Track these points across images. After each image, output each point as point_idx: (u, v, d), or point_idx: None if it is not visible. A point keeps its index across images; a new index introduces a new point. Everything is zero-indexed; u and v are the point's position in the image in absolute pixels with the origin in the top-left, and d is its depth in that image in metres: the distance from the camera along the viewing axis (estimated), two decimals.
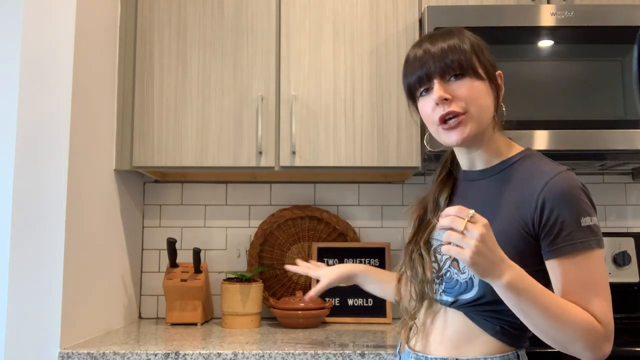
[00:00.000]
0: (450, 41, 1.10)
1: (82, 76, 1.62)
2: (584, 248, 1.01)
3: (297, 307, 1.86)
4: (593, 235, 1.02)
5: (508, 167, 1.13)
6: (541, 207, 1.03)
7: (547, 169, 1.06)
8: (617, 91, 1.70)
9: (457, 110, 1.07)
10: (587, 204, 1.04)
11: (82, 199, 1.62)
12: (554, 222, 1.02)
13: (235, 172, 1.95)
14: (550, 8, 1.74)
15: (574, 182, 1.04)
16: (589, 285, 1.00)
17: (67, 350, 1.47)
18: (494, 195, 1.11)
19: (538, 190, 1.04)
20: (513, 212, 1.06)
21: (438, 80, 1.08)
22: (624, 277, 1.93)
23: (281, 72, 1.84)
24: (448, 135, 1.10)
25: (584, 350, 0.98)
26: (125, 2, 1.87)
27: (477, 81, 1.08)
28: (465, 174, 1.20)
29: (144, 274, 2.11)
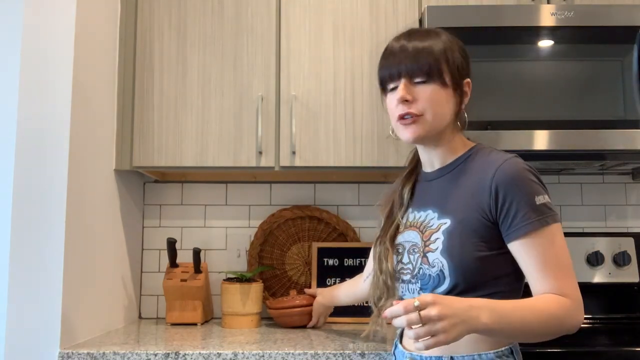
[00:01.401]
0: (426, 43, 1.16)
1: (82, 76, 1.62)
2: (540, 225, 1.06)
3: (291, 304, 1.83)
4: (548, 211, 1.07)
5: (461, 163, 1.19)
6: (495, 194, 1.08)
7: (495, 158, 1.13)
8: (617, 91, 1.70)
9: (414, 112, 1.15)
10: (536, 183, 1.09)
11: (82, 199, 1.62)
12: (509, 205, 1.07)
13: (235, 172, 1.95)
14: (550, 8, 1.74)
15: (521, 166, 1.10)
16: (552, 260, 1.05)
17: (67, 350, 1.47)
18: (449, 190, 1.17)
19: (489, 177, 1.09)
20: (470, 202, 1.11)
21: (405, 80, 1.16)
22: (624, 277, 1.93)
23: (281, 72, 1.84)
24: (402, 131, 1.19)
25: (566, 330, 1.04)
26: (125, 2, 1.87)
27: (441, 88, 1.15)
28: (425, 175, 1.27)
29: (144, 274, 2.11)
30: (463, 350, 1.09)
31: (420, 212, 1.21)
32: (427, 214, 1.19)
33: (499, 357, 1.08)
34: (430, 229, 1.15)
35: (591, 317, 1.90)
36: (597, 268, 1.93)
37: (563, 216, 2.11)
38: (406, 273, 1.19)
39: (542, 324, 1.01)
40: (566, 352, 1.45)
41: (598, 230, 2.09)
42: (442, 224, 1.14)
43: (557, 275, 1.05)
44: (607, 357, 1.45)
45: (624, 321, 1.89)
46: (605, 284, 1.92)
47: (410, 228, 1.21)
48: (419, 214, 1.22)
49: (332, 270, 2.03)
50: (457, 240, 1.10)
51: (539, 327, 1.01)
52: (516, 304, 1.02)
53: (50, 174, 1.53)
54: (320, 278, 2.03)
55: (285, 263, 2.09)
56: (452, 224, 1.12)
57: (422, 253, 1.15)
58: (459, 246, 1.10)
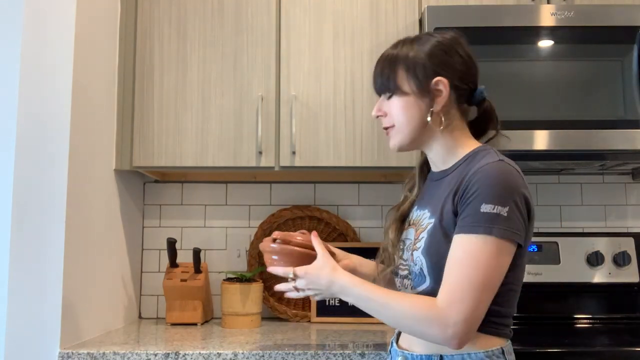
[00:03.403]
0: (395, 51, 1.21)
1: (82, 76, 1.62)
2: (471, 231, 1.05)
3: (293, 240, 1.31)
4: (488, 222, 1.03)
5: (460, 165, 1.18)
6: (464, 188, 1.09)
7: (485, 160, 1.10)
8: (617, 91, 1.70)
9: (386, 125, 1.24)
10: (499, 194, 1.05)
11: (82, 199, 1.62)
12: (466, 200, 1.07)
13: (235, 172, 1.95)
14: (550, 8, 1.74)
15: (499, 171, 1.07)
16: (458, 264, 1.04)
17: (67, 350, 1.47)
18: (442, 191, 1.17)
19: (468, 176, 1.10)
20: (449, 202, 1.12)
21: (380, 97, 1.26)
22: (624, 277, 1.93)
23: (281, 72, 1.84)
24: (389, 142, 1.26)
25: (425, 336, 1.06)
26: (125, 2, 1.87)
27: (402, 97, 1.19)
28: (430, 174, 1.28)
29: (144, 274, 2.11)
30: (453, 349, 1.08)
31: (419, 211, 1.23)
32: (424, 213, 1.20)
33: (488, 357, 1.08)
34: (421, 228, 1.17)
35: (591, 317, 1.90)
36: (597, 268, 1.93)
37: (563, 216, 2.11)
38: (404, 269, 1.21)
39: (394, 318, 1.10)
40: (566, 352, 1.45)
41: (598, 230, 2.08)
42: (429, 223, 1.15)
43: (452, 279, 1.04)
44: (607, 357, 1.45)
45: (624, 321, 1.89)
46: (605, 284, 1.92)
47: (412, 225, 1.23)
48: (418, 212, 1.24)
49: None
50: (436, 239, 1.11)
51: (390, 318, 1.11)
52: (374, 293, 1.11)
53: (50, 173, 1.53)
54: None
55: None
56: (434, 223, 1.13)
57: (410, 250, 1.18)
58: (437, 245, 1.11)
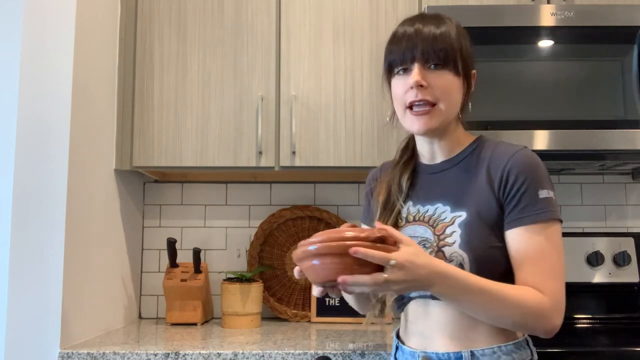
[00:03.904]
0: (442, 28, 1.12)
1: (82, 76, 1.62)
2: (542, 219, 1.04)
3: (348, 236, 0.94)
4: (551, 207, 1.05)
5: (469, 154, 1.16)
6: (506, 177, 1.06)
7: (509, 147, 1.12)
8: (617, 91, 1.70)
9: (429, 99, 1.10)
10: (546, 178, 1.08)
11: (82, 199, 1.62)
12: (517, 189, 1.05)
13: (235, 172, 1.95)
14: (550, 8, 1.74)
15: (535, 157, 1.10)
16: (545, 256, 1.03)
17: (67, 350, 1.47)
18: (461, 182, 1.13)
19: (504, 163, 1.08)
20: (484, 192, 1.09)
21: (419, 64, 1.10)
22: (624, 277, 1.93)
23: (281, 72, 1.84)
24: (414, 122, 1.12)
25: (535, 328, 1.01)
26: (125, 2, 1.87)
27: (454, 76, 1.11)
28: (427, 167, 1.21)
29: (144, 274, 2.11)
30: (483, 344, 1.06)
31: (427, 206, 1.16)
32: (436, 208, 1.14)
33: (517, 349, 1.07)
34: (443, 223, 1.10)
35: (591, 317, 1.90)
36: (597, 268, 1.93)
37: (563, 216, 2.11)
38: None
39: (507, 313, 1.00)
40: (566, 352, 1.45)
41: (598, 230, 2.09)
42: (456, 216, 1.09)
43: (545, 272, 1.02)
44: (607, 357, 1.45)
45: (624, 321, 1.89)
46: (605, 284, 1.92)
47: (416, 223, 1.15)
48: (424, 207, 1.16)
49: None
50: (476, 233, 1.06)
51: (501, 314, 1.00)
52: (485, 282, 0.99)
53: (50, 174, 1.53)
54: None
55: (285, 263, 2.09)
56: (469, 216, 1.08)
57: (436, 248, 1.09)
58: (478, 238, 1.06)
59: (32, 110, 1.55)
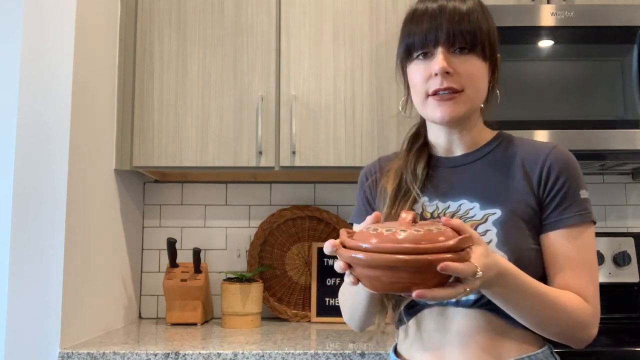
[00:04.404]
0: (467, 5, 1.00)
1: (82, 76, 1.62)
2: (583, 220, 0.99)
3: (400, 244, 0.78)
4: (590, 208, 1.01)
5: (494, 148, 1.07)
6: (546, 175, 1.00)
7: (543, 144, 1.05)
8: (617, 91, 1.70)
9: (455, 87, 0.99)
10: (582, 177, 1.03)
11: (82, 199, 1.62)
12: (559, 188, 0.99)
13: (235, 172, 1.95)
14: (550, 8, 1.74)
15: (572, 155, 1.03)
16: (586, 261, 0.98)
17: (67, 350, 1.47)
18: (490, 177, 1.04)
19: (541, 160, 1.01)
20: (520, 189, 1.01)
21: (444, 48, 0.98)
22: (624, 277, 1.93)
23: (281, 72, 1.84)
24: (436, 109, 1.00)
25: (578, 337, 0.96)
26: (125, 2, 1.87)
27: (481, 61, 1.01)
28: (444, 160, 1.09)
29: (144, 274, 2.11)
30: (512, 354, 0.97)
31: (448, 202, 1.04)
32: (460, 204, 1.03)
33: (545, 358, 1.00)
34: (473, 220, 1.00)
35: None
36: None
37: None
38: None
39: (555, 319, 0.93)
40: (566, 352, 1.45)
41: (598, 230, 2.08)
42: (489, 214, 1.00)
43: (587, 278, 0.96)
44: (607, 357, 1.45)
45: (624, 321, 1.89)
46: (605, 284, 1.92)
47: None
48: (445, 203, 1.04)
49: (332, 270, 2.03)
50: (515, 232, 0.98)
51: (550, 320, 0.93)
52: (535, 285, 0.91)
53: (50, 174, 1.53)
54: (320, 278, 2.03)
55: (285, 263, 2.09)
56: (504, 214, 0.99)
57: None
58: (517, 238, 0.98)
59: (32, 110, 1.55)
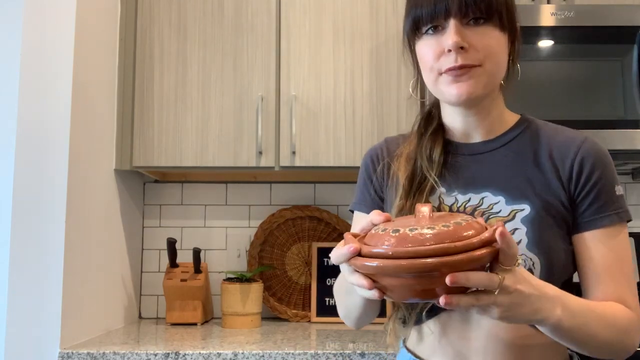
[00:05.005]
0: None
1: (82, 76, 1.62)
2: (621, 220, 0.90)
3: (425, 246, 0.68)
4: (626, 205, 0.92)
5: (519, 134, 0.97)
6: (579, 169, 0.91)
7: (573, 133, 0.96)
8: (617, 91, 1.70)
9: (470, 62, 0.87)
10: (616, 173, 0.94)
11: (82, 199, 1.62)
12: (593, 183, 0.90)
13: (235, 172, 1.95)
14: (550, 8, 1.74)
15: (604, 147, 0.94)
16: (623, 263, 0.89)
17: (67, 350, 1.47)
18: (516, 168, 0.93)
19: (573, 152, 0.92)
20: (551, 183, 0.91)
21: (456, 20, 0.87)
22: None
23: (281, 72, 1.84)
24: (450, 87, 0.89)
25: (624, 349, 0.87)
26: (125, 2, 1.87)
27: (499, 32, 0.89)
28: (462, 146, 0.98)
29: (144, 274, 2.11)
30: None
31: (469, 194, 0.93)
32: (483, 197, 0.92)
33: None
34: (499, 217, 0.90)
35: None
36: None
37: None
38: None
39: (606, 336, 0.83)
40: None
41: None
42: (516, 210, 0.90)
43: (628, 284, 0.88)
44: None
45: None
46: None
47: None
48: (465, 196, 0.93)
49: (332, 270, 2.03)
50: (546, 231, 0.88)
51: (603, 338, 0.83)
52: (588, 305, 0.83)
53: (50, 174, 1.53)
54: (320, 278, 2.03)
55: (285, 263, 2.09)
56: (535, 211, 0.89)
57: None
58: (549, 238, 0.88)
59: (32, 110, 1.55)
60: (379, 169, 1.02)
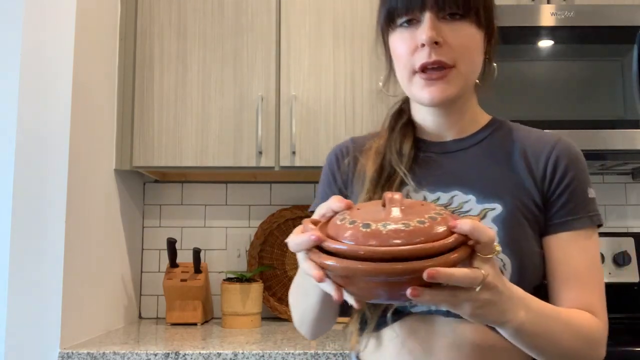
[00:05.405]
0: None
1: (82, 76, 1.62)
2: (592, 223, 0.88)
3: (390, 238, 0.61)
4: (596, 209, 0.90)
5: (490, 134, 0.94)
6: (553, 168, 0.88)
7: (547, 133, 0.94)
8: (617, 91, 1.70)
9: (445, 61, 0.84)
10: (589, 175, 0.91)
11: (82, 199, 1.62)
12: (565, 186, 0.87)
13: (235, 172, 1.95)
14: (550, 8, 1.74)
15: (579, 149, 0.92)
16: (594, 268, 0.87)
17: (67, 350, 1.47)
18: (486, 167, 0.91)
19: (547, 150, 0.90)
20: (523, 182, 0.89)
21: (432, 13, 0.84)
22: (624, 277, 1.93)
23: (281, 72, 1.84)
24: (424, 90, 0.87)
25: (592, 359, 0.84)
26: (125, 2, 1.87)
27: (476, 29, 0.87)
28: (433, 145, 0.95)
29: (144, 274, 2.11)
30: None
31: (438, 193, 0.90)
32: (452, 196, 0.89)
33: None
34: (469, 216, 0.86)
35: None
36: None
37: None
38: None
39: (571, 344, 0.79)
40: None
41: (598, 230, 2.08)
42: (488, 209, 0.87)
43: (597, 291, 0.86)
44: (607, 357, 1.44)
45: (624, 321, 1.88)
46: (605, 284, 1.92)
47: None
48: (434, 194, 0.90)
49: None
50: (519, 232, 0.85)
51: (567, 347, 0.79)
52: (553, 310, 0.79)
53: (50, 174, 1.53)
54: None
55: (285, 263, 2.09)
56: (507, 210, 0.86)
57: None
58: (521, 239, 0.85)
59: (32, 110, 1.55)
60: (345, 163, 0.99)
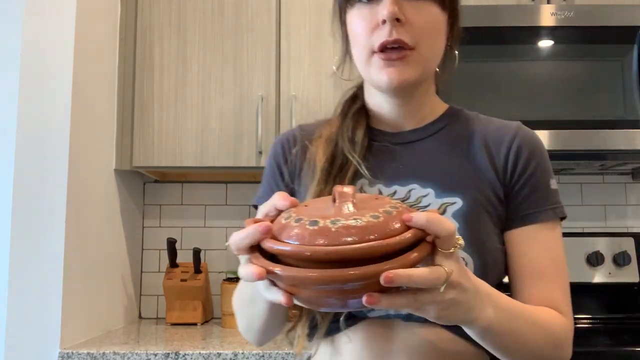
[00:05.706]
0: None
1: (82, 76, 1.62)
2: (555, 216, 0.84)
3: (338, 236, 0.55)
4: (559, 201, 0.86)
5: (448, 124, 0.89)
6: (514, 158, 0.84)
7: (507, 121, 0.89)
8: (617, 91, 1.70)
9: (405, 40, 0.78)
10: (550, 165, 0.88)
11: (82, 199, 1.62)
12: (528, 177, 0.83)
13: (235, 172, 1.95)
14: (550, 8, 1.74)
15: (539, 137, 0.89)
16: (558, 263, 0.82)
17: (67, 350, 1.47)
18: (445, 158, 0.86)
19: (508, 139, 0.85)
20: (483, 174, 0.84)
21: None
22: (624, 277, 1.93)
23: (281, 72, 1.84)
24: (382, 72, 0.80)
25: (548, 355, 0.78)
26: (125, 2, 1.87)
27: (439, 10, 0.82)
28: (387, 135, 0.89)
29: (144, 274, 2.11)
30: None
31: (394, 187, 0.84)
32: (410, 189, 0.83)
33: None
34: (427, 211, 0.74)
35: (591, 317, 1.90)
36: (597, 268, 1.93)
37: None
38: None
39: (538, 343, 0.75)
40: None
41: (598, 230, 2.08)
42: (447, 203, 0.81)
43: (562, 287, 0.81)
44: (607, 357, 1.45)
45: (624, 321, 1.88)
46: (605, 284, 1.92)
47: None
48: (390, 188, 0.84)
49: None
50: (480, 227, 0.81)
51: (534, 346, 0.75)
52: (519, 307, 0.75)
53: (50, 174, 1.53)
54: None
55: None
56: (467, 204, 0.81)
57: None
58: (483, 235, 0.81)
59: (32, 110, 1.55)
60: (293, 153, 0.92)
